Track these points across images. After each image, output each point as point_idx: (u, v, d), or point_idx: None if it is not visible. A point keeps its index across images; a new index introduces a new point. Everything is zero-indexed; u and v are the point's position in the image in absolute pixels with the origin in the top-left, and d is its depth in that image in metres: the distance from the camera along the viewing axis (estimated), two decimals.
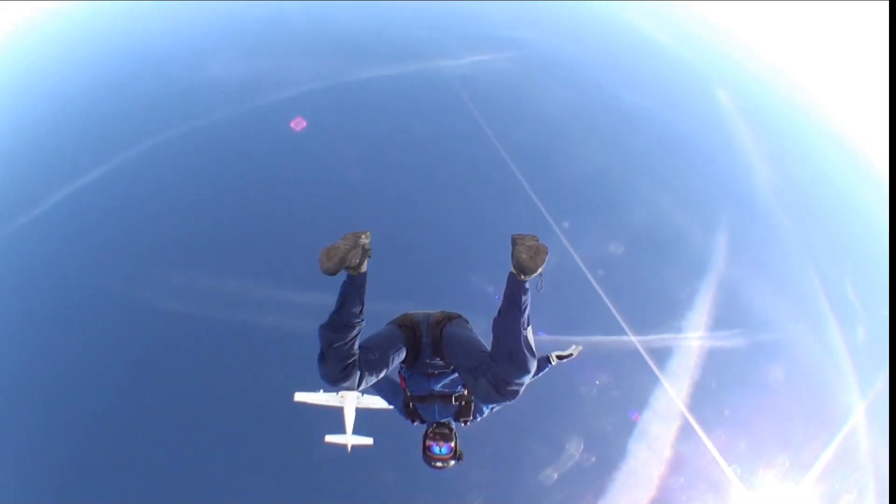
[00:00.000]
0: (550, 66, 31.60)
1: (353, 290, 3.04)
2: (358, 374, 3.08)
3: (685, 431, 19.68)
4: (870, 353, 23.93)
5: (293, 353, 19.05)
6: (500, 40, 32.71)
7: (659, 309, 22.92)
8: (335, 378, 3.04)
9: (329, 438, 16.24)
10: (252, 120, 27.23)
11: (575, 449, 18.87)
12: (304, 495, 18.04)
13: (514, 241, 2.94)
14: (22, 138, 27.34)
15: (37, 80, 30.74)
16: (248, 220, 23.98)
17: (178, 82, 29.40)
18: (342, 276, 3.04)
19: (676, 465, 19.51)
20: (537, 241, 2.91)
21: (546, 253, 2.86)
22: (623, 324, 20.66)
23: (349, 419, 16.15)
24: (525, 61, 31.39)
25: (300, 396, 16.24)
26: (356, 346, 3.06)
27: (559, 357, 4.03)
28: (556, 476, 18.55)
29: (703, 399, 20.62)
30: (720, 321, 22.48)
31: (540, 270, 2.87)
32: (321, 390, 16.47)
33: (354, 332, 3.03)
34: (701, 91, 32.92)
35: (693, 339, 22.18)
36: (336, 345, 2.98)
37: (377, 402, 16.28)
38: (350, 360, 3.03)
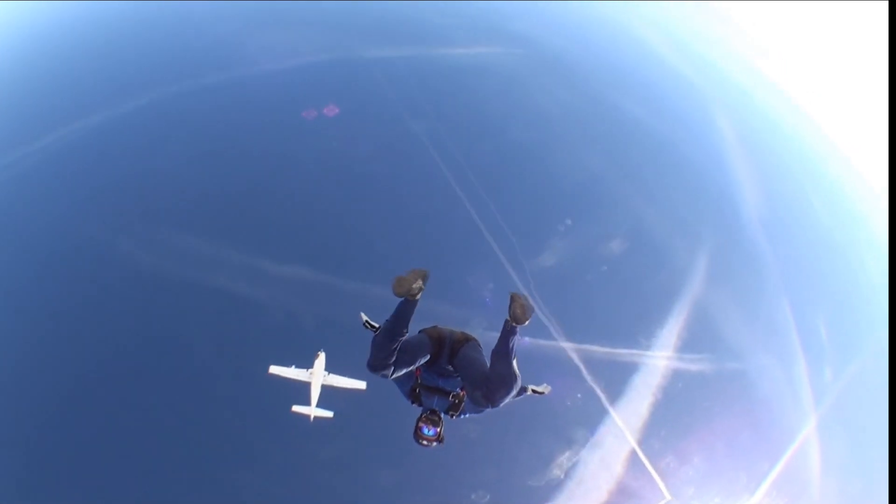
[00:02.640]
0: (556, 67, 31.41)
1: (406, 309, 4.09)
2: (393, 368, 4.19)
3: (633, 451, 19.59)
4: (835, 395, 23.84)
5: (272, 326, 19.93)
6: (512, 36, 32.54)
7: (629, 323, 22.93)
8: (378, 369, 4.17)
9: (295, 408, 17.67)
10: (250, 86, 27.07)
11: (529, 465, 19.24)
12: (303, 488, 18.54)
13: (512, 298, 3.90)
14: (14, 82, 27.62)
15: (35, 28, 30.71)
16: (237, 187, 23.88)
17: (178, 41, 29.73)
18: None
19: (619, 487, 19.44)
20: (527, 300, 3.90)
21: (533, 310, 3.87)
22: (592, 335, 21.29)
23: (315, 394, 17.55)
24: (531, 59, 31.24)
25: (274, 369, 17.66)
26: (397, 349, 4.14)
27: (534, 391, 4.75)
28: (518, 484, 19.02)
29: (659, 420, 20.54)
30: (689, 343, 22.35)
31: (527, 322, 3.88)
32: (293, 366, 17.85)
33: (399, 339, 4.13)
34: (700, 109, 32.72)
35: (660, 359, 22.33)
36: (385, 346, 4.09)
37: (340, 382, 17.67)
38: (392, 359, 4.13)
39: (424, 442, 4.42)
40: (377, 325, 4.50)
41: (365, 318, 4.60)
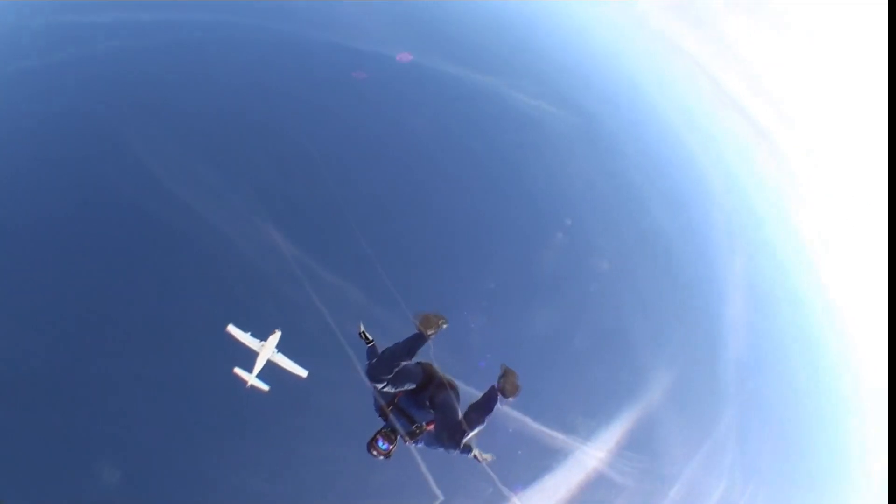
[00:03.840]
0: (595, 144, 31.88)
1: (418, 344, 4.88)
2: (387, 384, 4.89)
3: None
4: None
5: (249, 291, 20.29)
6: (568, 101, 32.53)
7: (578, 409, 22.71)
8: (375, 379, 4.90)
9: (237, 371, 18.61)
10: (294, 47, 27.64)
11: None
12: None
13: (505, 373, 4.74)
14: None
15: None
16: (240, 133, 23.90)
17: None
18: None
19: None
20: (517, 379, 4.73)
21: (520, 389, 4.69)
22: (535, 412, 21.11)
23: (259, 365, 18.49)
24: (577, 129, 31.66)
25: (232, 329, 18.74)
26: (397, 370, 4.87)
27: (477, 456, 5.32)
28: None
29: None
30: (629, 445, 22.13)
31: (511, 399, 4.71)
32: (249, 333, 18.90)
33: (403, 362, 4.88)
34: (715, 228, 32.89)
35: (594, 451, 21.98)
36: (388, 364, 4.83)
37: (285, 363, 18.62)
38: (391, 376, 4.84)
39: (375, 452, 5.06)
40: (371, 339, 5.23)
41: (362, 328, 5.28)
